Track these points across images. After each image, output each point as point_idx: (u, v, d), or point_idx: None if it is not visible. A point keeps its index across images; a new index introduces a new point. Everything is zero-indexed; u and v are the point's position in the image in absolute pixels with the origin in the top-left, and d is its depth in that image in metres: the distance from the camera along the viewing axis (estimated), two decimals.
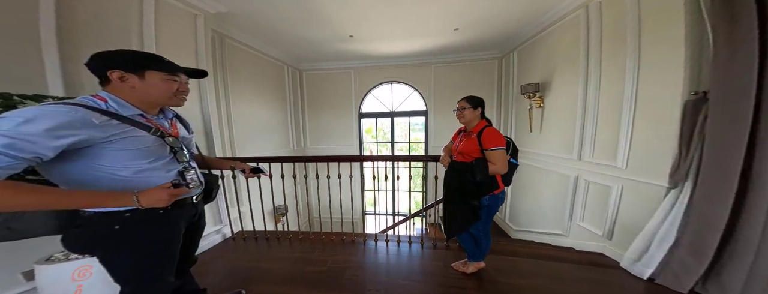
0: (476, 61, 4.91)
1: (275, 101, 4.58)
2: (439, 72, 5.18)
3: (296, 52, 4.56)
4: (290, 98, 5.00)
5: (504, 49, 4.46)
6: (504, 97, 4.63)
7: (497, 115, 4.82)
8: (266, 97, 4.32)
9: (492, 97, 4.85)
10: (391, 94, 5.63)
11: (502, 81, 4.65)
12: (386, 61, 5.22)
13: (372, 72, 5.41)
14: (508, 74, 4.41)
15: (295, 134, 5.17)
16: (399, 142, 6.03)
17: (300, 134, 5.41)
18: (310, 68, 5.39)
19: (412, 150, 6.07)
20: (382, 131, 6.01)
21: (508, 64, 4.39)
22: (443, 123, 5.24)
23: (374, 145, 6.11)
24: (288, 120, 4.97)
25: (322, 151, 5.61)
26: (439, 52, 4.81)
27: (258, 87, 4.08)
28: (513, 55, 4.21)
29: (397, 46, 4.40)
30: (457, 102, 1.76)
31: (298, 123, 5.36)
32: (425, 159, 2.38)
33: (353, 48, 4.42)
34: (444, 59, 5.06)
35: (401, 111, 5.64)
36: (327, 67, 5.37)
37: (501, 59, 4.70)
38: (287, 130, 4.95)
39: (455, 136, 1.92)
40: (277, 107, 4.62)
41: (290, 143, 4.99)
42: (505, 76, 4.56)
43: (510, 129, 4.32)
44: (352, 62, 5.29)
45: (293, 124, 5.11)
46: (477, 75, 4.95)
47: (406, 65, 5.26)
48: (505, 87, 4.57)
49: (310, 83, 5.48)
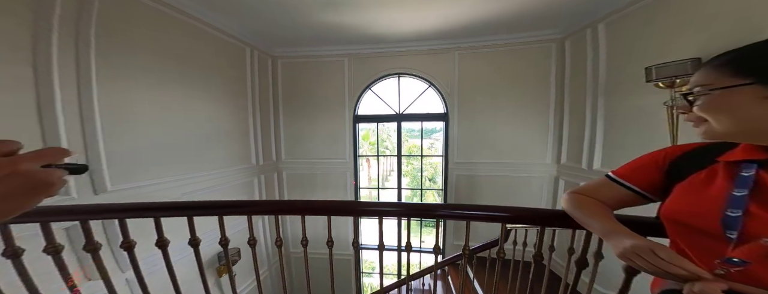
0: (521, 45, 3.44)
1: (230, 97, 3.11)
2: (465, 61, 3.73)
3: (265, 29, 3.12)
4: (254, 93, 3.50)
5: (572, 23, 2.98)
6: (571, 95, 3.15)
7: (556, 122, 3.35)
8: (212, 90, 2.87)
9: (546, 96, 3.39)
10: (397, 90, 4.18)
11: (568, 72, 3.17)
12: (392, 45, 3.76)
13: (373, 61, 3.96)
14: (579, 59, 2.94)
15: (262, 143, 3.69)
16: (409, 156, 4.59)
17: (270, 143, 3.94)
18: (287, 54, 3.94)
19: (432, 176, 4.63)
20: (386, 137, 4.55)
21: (580, 45, 2.92)
22: (471, 131, 3.78)
23: (373, 157, 4.67)
24: (251, 124, 3.49)
25: (301, 167, 4.16)
26: (466, 32, 3.35)
27: (191, 74, 2.62)
28: (590, 33, 2.74)
29: (407, 19, 2.95)
30: (695, 75, 0.56)
31: (268, 128, 3.89)
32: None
33: (345, 22, 2.99)
34: (473, 43, 3.60)
35: (412, 114, 4.18)
36: (311, 52, 3.92)
37: (561, 41, 3.23)
38: (248, 137, 3.47)
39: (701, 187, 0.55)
40: (232, 105, 3.15)
41: (253, 156, 3.53)
42: (576, 63, 3.07)
43: (590, 143, 2.82)
44: (346, 47, 3.84)
45: (259, 129, 3.62)
46: (522, 64, 3.49)
47: (420, 51, 3.81)
48: (576, 79, 3.07)
49: (287, 74, 4.03)
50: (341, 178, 4.14)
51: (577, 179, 2.92)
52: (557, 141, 3.34)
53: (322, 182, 4.15)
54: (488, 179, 3.74)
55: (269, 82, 3.85)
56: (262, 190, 3.63)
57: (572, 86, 3.08)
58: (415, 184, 21.67)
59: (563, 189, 3.19)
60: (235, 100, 3.20)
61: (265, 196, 3.67)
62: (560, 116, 3.27)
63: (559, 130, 3.29)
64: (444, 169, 4.09)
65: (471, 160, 3.80)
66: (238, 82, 3.24)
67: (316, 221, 5.09)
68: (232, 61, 3.13)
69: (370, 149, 4.61)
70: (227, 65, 3.04)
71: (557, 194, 3.26)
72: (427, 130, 4.62)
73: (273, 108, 3.96)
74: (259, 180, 3.60)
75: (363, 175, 3.91)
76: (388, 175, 26.34)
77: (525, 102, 3.48)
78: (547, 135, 3.40)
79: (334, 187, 4.15)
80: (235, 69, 3.19)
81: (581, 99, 2.89)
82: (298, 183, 4.18)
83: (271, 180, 3.91)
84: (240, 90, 3.28)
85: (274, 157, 3.99)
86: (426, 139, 4.90)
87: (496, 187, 3.70)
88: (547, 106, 3.37)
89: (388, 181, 27.07)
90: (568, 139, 3.14)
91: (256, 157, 3.50)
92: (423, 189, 5.23)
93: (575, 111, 3.04)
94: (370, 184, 4.18)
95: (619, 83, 2.43)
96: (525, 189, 3.56)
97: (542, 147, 3.44)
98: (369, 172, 6.19)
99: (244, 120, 3.37)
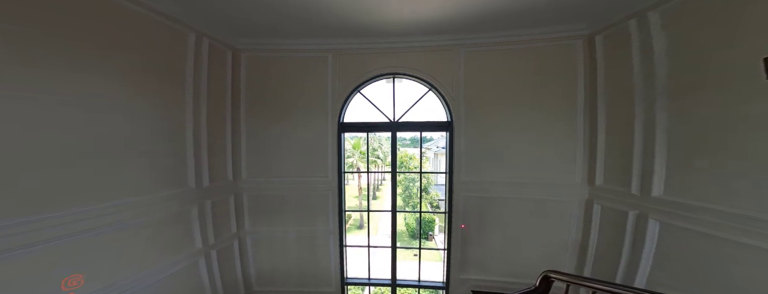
0: (540, 42, 2.90)
1: (153, 97, 2.21)
2: (473, 60, 3.13)
3: (221, 11, 2.34)
4: (198, 93, 2.59)
5: (603, 16, 2.45)
6: (608, 100, 2.58)
7: (588, 134, 2.76)
8: (123, 87, 2.00)
9: (573, 102, 2.82)
10: (392, 94, 3.50)
11: (602, 72, 2.61)
12: (386, 40, 3.11)
13: (362, 58, 3.27)
14: (620, 57, 2.39)
15: (208, 159, 2.71)
16: (406, 172, 3.85)
17: (225, 158, 3.04)
18: (254, 47, 3.15)
19: (424, 186, 3.94)
20: (378, 146, 3.82)
21: (620, 40, 2.38)
22: (481, 144, 3.13)
23: (362, 172, 3.90)
24: (191, 134, 2.52)
25: (269, 187, 3.30)
26: (474, 26, 2.78)
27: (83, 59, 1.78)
28: (635, 25, 2.20)
29: (406, 6, 2.31)
30: None
31: (222, 139, 2.99)
32: None
33: (329, 8, 2.30)
34: (482, 39, 3.02)
35: (409, 122, 3.50)
36: (286, 45, 3.17)
37: (590, 38, 2.70)
38: (184, 151, 2.48)
39: None
40: (156, 109, 2.23)
41: (191, 176, 2.52)
42: (614, 62, 2.52)
43: (644, 161, 2.20)
44: (330, 41, 3.14)
45: (204, 140, 2.66)
46: (541, 64, 2.93)
47: (419, 48, 3.18)
48: (616, 81, 2.51)
49: (253, 72, 3.23)
50: (321, 201, 3.33)
51: (623, 206, 2.31)
52: (590, 157, 2.75)
53: (296, 206, 3.31)
54: (503, 202, 3.08)
55: (227, 80, 3.00)
56: (205, 220, 2.66)
57: (610, 90, 2.52)
58: (405, 196, 20.69)
59: (601, 217, 2.58)
60: (163, 103, 2.27)
61: (212, 228, 2.74)
62: (593, 127, 2.70)
63: (592, 144, 2.71)
64: (448, 189, 3.40)
65: (481, 179, 3.14)
66: (170, 78, 2.33)
67: (286, 249, 3.89)
68: (158, 47, 2.19)
69: (360, 158, 3.87)
70: (152, 52, 2.14)
71: (593, 222, 2.64)
72: (419, 139, 3.98)
73: (231, 113, 3.10)
74: (202, 208, 2.63)
75: (352, 183, 3.28)
76: (379, 183, 25.15)
77: (547, 109, 2.90)
78: (575, 150, 2.81)
79: (312, 212, 3.33)
80: (165, 57, 2.27)
81: (625, 105, 2.32)
82: (264, 208, 3.30)
83: (223, 206, 2.97)
84: (172, 89, 2.35)
85: (230, 176, 3.09)
86: (417, 148, 4.22)
87: (513, 211, 3.05)
88: (575, 114, 2.80)
89: (380, 190, 25.79)
90: (605, 156, 2.55)
91: (196, 178, 2.55)
92: (422, 212, 4.51)
93: (616, 120, 2.46)
94: (360, 195, 3.55)
95: (691, 85, 1.86)
96: (550, 215, 2.92)
97: (569, 164, 2.84)
98: (359, 181, 5.35)
99: (178, 129, 2.42)
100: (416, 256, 3.74)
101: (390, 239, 3.69)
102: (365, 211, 3.85)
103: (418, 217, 15.79)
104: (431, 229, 15.51)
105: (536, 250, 3.01)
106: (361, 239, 14.57)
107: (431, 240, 15.35)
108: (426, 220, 14.95)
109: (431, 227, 15.43)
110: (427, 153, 22.11)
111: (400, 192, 18.26)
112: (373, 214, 3.97)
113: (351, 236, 18.62)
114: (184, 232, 2.46)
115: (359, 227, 17.60)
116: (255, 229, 3.31)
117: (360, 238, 15.05)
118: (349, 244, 3.68)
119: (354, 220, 16.73)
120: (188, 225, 2.49)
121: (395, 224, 3.76)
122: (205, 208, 2.66)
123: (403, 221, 17.70)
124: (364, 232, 16.95)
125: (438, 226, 15.49)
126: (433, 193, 17.04)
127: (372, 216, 4.01)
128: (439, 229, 15.41)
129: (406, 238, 16.25)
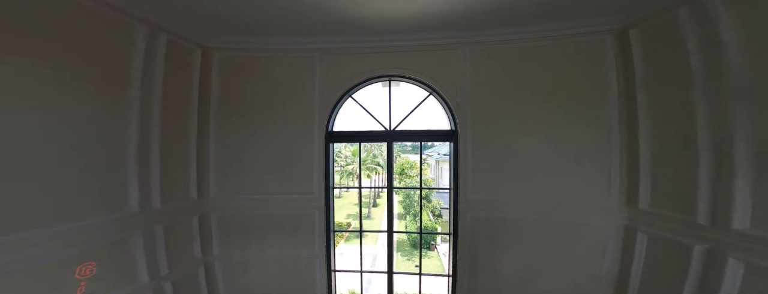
0: (559, 38, 2.48)
1: (89, 97, 1.81)
2: (481, 60, 2.73)
3: (188, 5, 1.95)
4: (151, 96, 2.16)
5: (639, 7, 2.02)
6: (653, 104, 2.11)
7: (626, 146, 2.30)
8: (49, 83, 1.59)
9: (604, 108, 2.37)
10: (388, 99, 3.09)
11: (641, 72, 2.15)
12: (381, 37, 2.72)
13: (355, 59, 2.88)
14: (668, 53, 1.96)
15: (162, 173, 2.25)
16: (405, 188, 3.39)
17: (187, 173, 2.57)
18: (229, 46, 2.75)
19: (426, 194, 3.46)
20: (378, 153, 3.38)
21: (665, 33, 1.95)
22: (492, 157, 2.69)
23: (354, 187, 3.47)
24: (133, 143, 2.06)
25: (244, 205, 2.84)
26: (481, 22, 2.38)
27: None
28: (686, 13, 1.77)
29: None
30: None
31: (183, 149, 2.54)
32: None
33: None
34: (491, 36, 2.63)
35: (407, 131, 3.07)
36: (267, 44, 2.77)
37: (621, 32, 2.27)
38: (125, 163, 2.03)
39: None
40: (81, 114, 1.79)
41: (133, 196, 2.07)
42: (660, 59, 2.07)
43: (713, 181, 1.70)
44: (316, 40, 2.75)
45: (156, 150, 2.21)
46: (562, 65, 2.51)
47: (419, 47, 2.79)
48: (665, 82, 2.05)
49: (228, 74, 2.81)
50: (306, 220, 2.89)
51: (684, 239, 1.82)
52: (629, 173, 2.27)
53: (276, 226, 2.86)
54: (519, 225, 2.62)
55: (193, 83, 2.57)
56: (154, 248, 2.19)
57: (654, 92, 2.07)
58: (406, 204, 20.07)
59: (647, 247, 2.10)
60: (97, 111, 1.84)
61: (165, 256, 2.26)
62: (632, 136, 2.23)
63: (632, 158, 2.22)
64: (453, 208, 2.95)
65: (492, 197, 2.69)
66: (109, 80, 1.89)
67: (265, 276, 3.22)
68: (93, 41, 1.78)
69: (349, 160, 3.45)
70: (84, 47, 1.73)
71: (636, 253, 2.14)
72: (419, 149, 3.55)
73: (198, 122, 2.65)
74: (149, 234, 2.16)
75: (353, 191, 2.89)
76: (380, 190, 24.36)
77: (571, 117, 2.46)
78: (609, 164, 2.34)
79: (295, 233, 2.89)
80: (110, 58, 1.87)
81: (679, 109, 1.87)
82: (238, 229, 2.84)
83: (182, 229, 2.51)
84: (110, 94, 1.91)
85: (193, 194, 2.63)
86: (418, 155, 3.78)
87: (531, 236, 2.58)
88: (608, 122, 2.35)
89: (381, 198, 25.09)
90: (652, 172, 2.07)
91: (140, 199, 2.08)
92: (423, 233, 3.98)
93: (667, 127, 1.99)
94: (361, 203, 3.16)
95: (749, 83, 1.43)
96: (577, 241, 2.45)
97: (602, 182, 2.37)
98: (360, 189, 4.94)
99: (117, 142, 1.96)
100: (417, 266, 3.27)
101: (386, 259, 3.22)
102: (358, 232, 3.46)
103: (418, 224, 15.10)
104: (433, 238, 14.86)
105: (560, 283, 2.53)
106: (358, 249, 13.51)
107: (433, 250, 14.69)
108: (427, 227, 14.30)
109: (433, 236, 14.79)
110: (427, 160, 21.53)
111: (400, 199, 17.65)
112: (374, 218, 3.53)
113: (348, 246, 17.87)
114: (125, 264, 2.00)
115: (358, 237, 16.94)
116: (226, 253, 2.85)
117: (357, 248, 14.21)
118: (339, 268, 3.21)
119: (355, 226, 16.06)
120: (130, 256, 2.02)
121: (392, 247, 3.30)
122: (155, 233, 2.19)
123: (403, 227, 17.03)
124: (364, 241, 16.23)
125: (440, 237, 14.88)
126: (435, 201, 16.48)
127: (373, 224, 3.55)
128: (440, 238, 14.80)
129: (406, 247, 15.62)
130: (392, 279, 3.22)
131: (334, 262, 3.14)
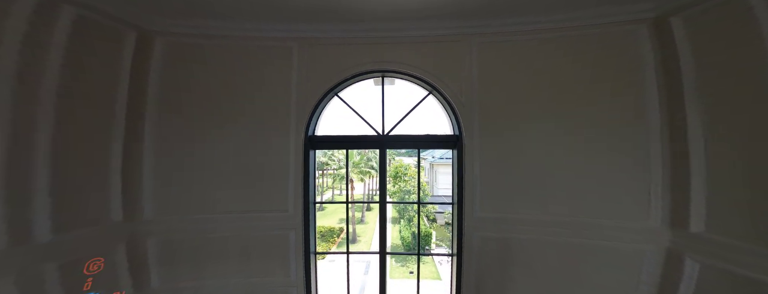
0: (582, 29, 2.10)
1: None
2: (490, 54, 2.33)
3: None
4: (35, 91, 1.59)
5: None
6: (706, 105, 1.69)
7: (670, 157, 1.86)
8: None
9: (641, 110, 1.96)
10: (381, 98, 2.64)
11: (689, 66, 1.74)
12: (371, 26, 2.31)
13: (340, 51, 2.44)
14: (724, 43, 1.57)
15: (48, 199, 1.64)
16: (401, 203, 2.94)
17: (108, 190, 2.01)
18: (179, 30, 2.21)
19: (426, 228, 3.05)
20: (373, 155, 2.93)
21: (721, 19, 1.57)
22: (505, 168, 2.27)
23: (341, 202, 3.03)
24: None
25: (194, 226, 2.30)
26: (490, 10, 1.99)
27: None
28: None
29: None
30: None
31: (108, 160, 2.00)
32: None
33: None
34: (502, 26, 2.22)
35: (403, 136, 2.62)
36: (232, 31, 2.28)
37: (659, 21, 1.88)
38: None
39: None
40: None
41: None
42: (712, 50, 1.68)
43: None
44: (294, 27, 2.30)
45: (30, 168, 1.58)
46: (590, 60, 2.11)
47: (416, 38, 2.37)
48: (724, 79, 1.66)
49: (175, 66, 2.26)
50: (279, 243, 2.40)
51: (756, 274, 1.42)
52: (673, 190, 1.86)
53: (240, 251, 2.35)
54: (536, 246, 2.20)
55: (121, 74, 2.02)
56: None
57: (709, 91, 1.68)
58: (401, 208, 19.65)
59: (699, 278, 1.69)
60: None
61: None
62: (679, 144, 1.83)
63: (680, 171, 1.82)
64: (457, 225, 2.50)
65: (504, 214, 2.27)
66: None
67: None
68: None
69: (353, 170, 2.98)
70: None
71: (682, 284, 1.73)
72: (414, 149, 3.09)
73: (126, 122, 2.08)
74: (34, 276, 1.61)
75: (344, 194, 2.46)
76: (374, 194, 23.68)
77: (600, 121, 2.06)
78: (649, 178, 1.93)
79: (265, 258, 2.39)
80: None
81: (750, 109, 1.48)
82: (187, 255, 2.28)
83: (98, 262, 1.92)
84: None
85: (117, 216, 2.05)
86: (413, 157, 3.33)
87: (552, 260, 2.16)
88: (646, 126, 1.94)
89: (371, 209, 24.11)
90: (709, 190, 1.67)
91: (10, 232, 1.50)
92: (421, 254, 3.61)
93: (733, 134, 1.60)
94: (354, 207, 2.74)
95: None
96: (606, 266, 2.03)
97: (640, 198, 1.95)
98: (352, 193, 4.40)
99: None
100: (412, 273, 2.83)
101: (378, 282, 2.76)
102: (344, 254, 2.95)
103: (414, 230, 14.63)
104: (428, 244, 14.39)
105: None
106: (354, 248, 12.69)
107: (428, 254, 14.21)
108: (422, 234, 13.82)
109: (428, 241, 14.32)
110: (421, 162, 21.13)
111: (394, 199, 17.04)
112: (368, 222, 3.06)
113: (341, 250, 16.90)
114: None
115: (353, 241, 16.25)
116: (170, 287, 2.30)
117: (354, 247, 13.48)
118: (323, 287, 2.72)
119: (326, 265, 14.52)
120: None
121: (384, 269, 2.83)
122: (42, 274, 1.64)
123: (397, 234, 16.49)
124: (356, 247, 15.66)
125: (434, 242, 14.44)
126: (430, 205, 16.07)
127: (367, 228, 3.09)
128: (435, 245, 14.36)
129: (400, 250, 15.08)
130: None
131: (315, 291, 2.65)
